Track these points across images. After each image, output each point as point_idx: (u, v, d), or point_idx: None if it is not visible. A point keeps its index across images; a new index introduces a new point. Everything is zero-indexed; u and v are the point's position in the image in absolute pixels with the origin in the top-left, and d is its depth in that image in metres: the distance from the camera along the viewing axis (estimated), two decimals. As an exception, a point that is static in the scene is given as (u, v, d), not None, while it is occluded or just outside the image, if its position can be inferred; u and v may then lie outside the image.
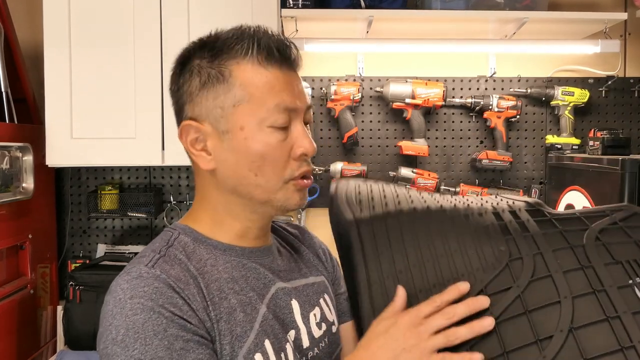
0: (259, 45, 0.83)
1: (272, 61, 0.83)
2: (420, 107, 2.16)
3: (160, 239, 0.87)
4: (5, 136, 1.75)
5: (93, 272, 1.86)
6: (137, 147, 1.80)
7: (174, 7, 1.80)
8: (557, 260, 0.73)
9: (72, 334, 1.82)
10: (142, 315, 0.73)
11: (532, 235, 0.76)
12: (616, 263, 0.72)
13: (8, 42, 1.88)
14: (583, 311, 0.67)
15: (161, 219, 2.19)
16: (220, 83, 0.83)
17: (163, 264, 0.79)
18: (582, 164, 1.85)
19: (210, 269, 0.83)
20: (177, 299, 0.76)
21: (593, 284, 0.70)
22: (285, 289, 0.89)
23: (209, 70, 0.84)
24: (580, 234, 0.76)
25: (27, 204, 1.84)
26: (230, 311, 0.80)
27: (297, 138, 0.84)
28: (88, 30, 1.79)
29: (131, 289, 0.75)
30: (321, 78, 2.22)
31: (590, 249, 0.74)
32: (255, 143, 0.82)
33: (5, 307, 1.70)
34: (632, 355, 0.63)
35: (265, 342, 0.81)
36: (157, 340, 0.72)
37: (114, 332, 0.74)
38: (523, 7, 2.00)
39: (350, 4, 1.99)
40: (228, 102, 0.83)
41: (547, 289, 0.70)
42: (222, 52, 0.84)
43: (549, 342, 0.66)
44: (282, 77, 0.84)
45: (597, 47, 2.08)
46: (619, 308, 0.67)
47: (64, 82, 1.78)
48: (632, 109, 2.27)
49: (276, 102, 0.82)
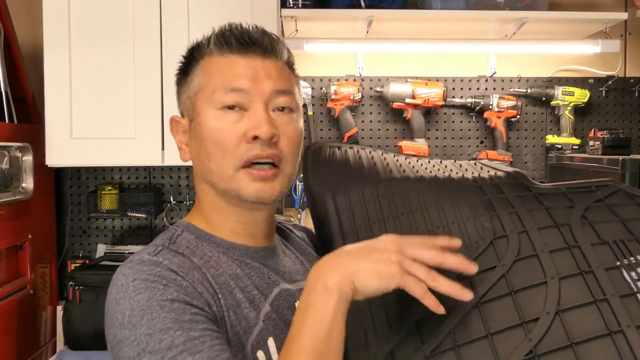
0: (218, 36, 0.85)
1: (231, 48, 0.84)
2: (421, 107, 2.16)
3: (163, 235, 0.86)
4: (5, 136, 1.74)
5: (93, 272, 1.85)
6: (137, 147, 1.80)
7: (173, 8, 1.80)
8: (542, 239, 0.71)
9: (72, 334, 1.82)
10: (146, 293, 0.72)
11: (516, 212, 0.74)
12: (603, 243, 0.70)
13: (8, 42, 1.88)
14: (570, 293, 0.66)
15: (161, 219, 2.19)
16: (189, 76, 0.87)
17: (166, 254, 0.78)
18: (582, 164, 1.85)
19: (214, 265, 0.82)
20: (181, 281, 0.74)
21: (580, 265, 0.68)
22: (289, 290, 0.88)
23: (186, 67, 0.89)
24: (566, 212, 0.74)
25: (26, 204, 1.83)
26: (237, 305, 0.79)
27: (250, 120, 0.82)
28: (88, 30, 1.79)
29: (133, 272, 0.75)
30: (321, 78, 2.22)
31: (576, 228, 0.72)
32: (206, 127, 0.83)
33: (5, 307, 1.70)
34: (620, 339, 0.61)
35: (268, 340, 0.80)
36: (164, 313, 0.70)
37: (120, 316, 0.72)
38: (523, 7, 2.00)
39: (350, 4, 1.99)
40: (191, 92, 0.86)
41: (533, 268, 0.68)
42: (197, 50, 0.88)
43: (534, 325, 0.63)
44: (240, 62, 0.84)
45: (598, 47, 2.08)
46: (607, 291, 0.65)
47: (63, 82, 1.78)
48: (632, 109, 2.27)
49: (221, 84, 0.83)
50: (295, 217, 2.20)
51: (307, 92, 2.18)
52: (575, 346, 0.61)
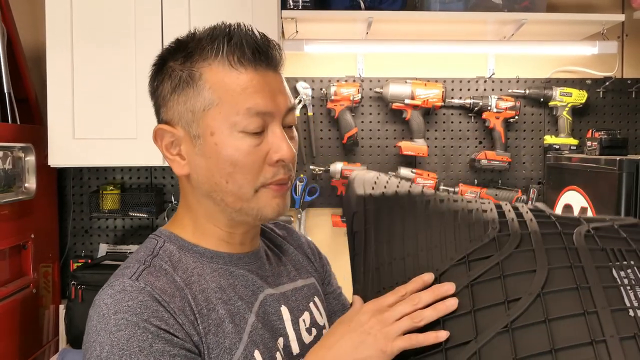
0: (230, 45, 0.78)
1: (245, 62, 0.78)
2: (420, 107, 2.17)
3: (144, 247, 0.83)
4: (8, 136, 1.76)
5: (95, 271, 1.87)
6: (139, 148, 1.82)
7: (175, 9, 1.82)
8: (543, 240, 0.75)
9: (74, 332, 1.83)
10: (126, 331, 0.70)
11: (525, 221, 0.79)
12: (601, 250, 0.74)
13: (10, 43, 1.90)
14: (556, 280, 0.70)
15: (162, 219, 2.20)
16: (190, 86, 0.79)
17: (147, 276, 0.76)
18: (580, 164, 1.86)
19: (197, 279, 0.80)
20: (162, 313, 0.73)
21: (572, 260, 0.72)
22: (273, 295, 0.87)
23: (180, 73, 0.81)
24: (575, 225, 0.79)
25: (29, 204, 1.85)
26: (218, 323, 0.77)
27: (273, 143, 0.79)
28: (90, 31, 1.80)
29: (114, 303, 0.72)
30: (321, 79, 2.23)
31: (578, 236, 0.76)
32: (226, 149, 0.78)
33: (8, 306, 1.71)
34: (593, 320, 0.65)
35: (254, 352, 0.79)
36: (143, 357, 0.70)
37: (99, 348, 0.71)
38: (521, 9, 2.01)
39: (350, 5, 2.00)
40: (198, 105, 0.79)
41: (526, 259, 0.72)
42: (193, 54, 0.80)
43: (515, 303, 0.68)
44: (256, 79, 0.78)
45: (595, 48, 2.10)
46: (591, 281, 0.69)
47: (66, 82, 1.80)
48: (630, 110, 2.29)
49: (248, 106, 0.77)
50: (295, 217, 2.21)
51: (307, 93, 2.20)
52: (549, 322, 0.66)
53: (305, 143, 2.23)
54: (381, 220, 0.84)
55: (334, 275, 1.08)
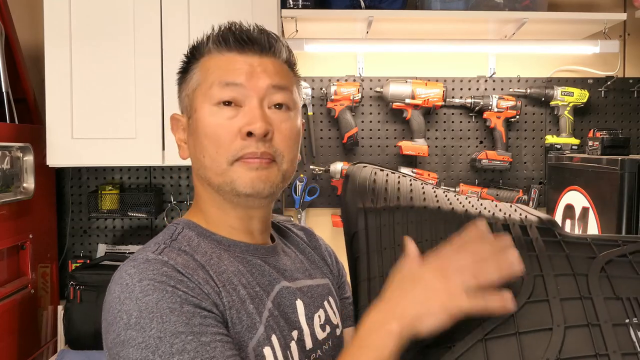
0: (217, 35, 0.86)
1: (229, 47, 0.84)
2: (420, 107, 2.16)
3: (164, 233, 0.85)
4: (6, 136, 1.75)
5: (93, 272, 1.86)
6: (138, 147, 1.81)
7: (174, 8, 1.81)
8: (557, 285, 0.71)
9: (73, 333, 1.82)
10: (154, 295, 0.71)
11: (537, 255, 0.75)
12: (617, 299, 0.70)
13: (9, 42, 1.89)
14: (573, 343, 0.66)
15: (161, 219, 2.20)
16: (188, 74, 0.88)
17: (170, 252, 0.78)
18: (582, 164, 1.85)
19: (217, 261, 0.81)
20: (187, 282, 0.74)
21: (589, 317, 0.68)
22: (289, 288, 0.87)
23: (186, 66, 0.89)
24: (587, 262, 0.74)
25: (27, 204, 1.84)
26: (242, 301, 0.78)
27: (245, 116, 0.82)
28: (89, 30, 1.80)
29: (139, 272, 0.73)
30: (321, 78, 2.23)
31: (592, 280, 0.72)
32: (202, 123, 0.83)
33: (6, 307, 1.71)
34: None
35: (272, 337, 0.79)
36: (175, 317, 0.70)
37: (126, 317, 0.70)
38: (523, 8, 2.00)
39: (350, 4, 1.99)
40: (190, 89, 0.87)
41: (541, 313, 0.69)
42: (197, 49, 0.88)
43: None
44: (238, 59, 0.84)
45: (597, 47, 2.09)
46: (610, 346, 0.65)
47: (64, 82, 1.79)
48: (631, 109, 2.28)
49: (217, 79, 0.83)
50: (296, 217, 2.20)
51: (307, 93, 2.19)
52: None
53: (305, 143, 2.22)
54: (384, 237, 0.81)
55: (348, 283, 1.07)
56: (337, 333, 0.94)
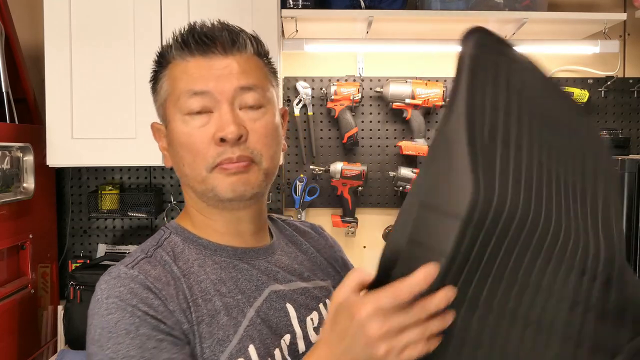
0: (177, 41, 0.84)
1: (191, 52, 0.83)
2: (420, 107, 2.16)
3: (152, 238, 0.87)
4: (6, 136, 1.75)
5: (93, 272, 1.86)
6: (138, 147, 1.81)
7: (174, 8, 1.81)
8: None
9: (73, 333, 1.82)
10: (115, 314, 0.74)
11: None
12: None
13: (8, 42, 1.89)
14: None
15: (161, 219, 2.19)
16: (158, 83, 0.87)
17: (144, 265, 0.79)
18: (582, 164, 1.85)
19: (197, 270, 0.82)
20: (152, 300, 0.75)
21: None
22: (279, 292, 0.86)
23: (155, 74, 0.88)
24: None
25: (27, 204, 1.84)
26: (213, 314, 0.79)
27: (216, 122, 0.81)
28: (89, 30, 1.79)
29: (108, 289, 0.76)
30: (321, 78, 2.22)
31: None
32: (177, 134, 0.83)
33: (6, 307, 1.71)
34: None
35: (249, 347, 0.79)
36: (129, 339, 0.72)
37: (92, 331, 0.75)
38: (523, 8, 2.00)
39: (350, 4, 1.99)
40: (161, 99, 0.87)
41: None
42: (162, 57, 0.87)
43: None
44: (202, 64, 0.82)
45: (597, 47, 2.08)
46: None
47: (64, 82, 1.79)
48: (632, 109, 2.27)
49: (187, 88, 0.82)
50: (296, 217, 2.20)
51: (307, 93, 2.19)
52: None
53: (305, 143, 2.22)
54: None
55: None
56: None
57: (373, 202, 2.25)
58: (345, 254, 1.06)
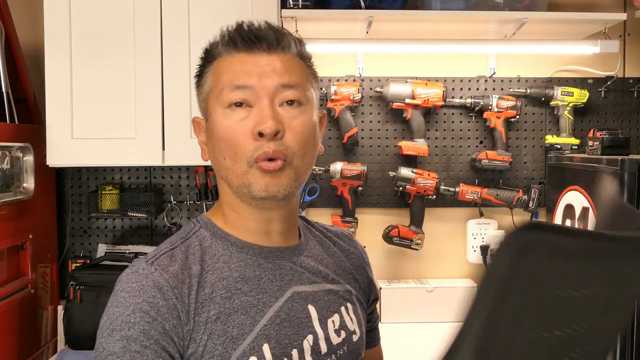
0: (225, 37, 0.87)
1: (237, 48, 0.85)
2: (420, 107, 2.16)
3: (182, 229, 0.90)
4: (6, 136, 1.75)
5: (93, 272, 1.86)
6: (138, 147, 1.81)
7: (174, 8, 1.81)
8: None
9: (73, 333, 1.82)
10: (119, 309, 0.77)
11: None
12: None
13: (9, 42, 1.89)
14: None
15: (161, 219, 2.19)
16: (202, 78, 0.90)
17: (164, 260, 0.82)
18: (582, 164, 1.85)
19: (221, 266, 0.83)
20: (158, 299, 0.77)
21: None
22: (302, 293, 0.87)
23: (201, 70, 0.91)
24: None
25: (27, 204, 1.84)
26: (230, 312, 0.80)
27: (256, 116, 0.83)
28: (89, 30, 1.79)
29: (124, 282, 0.80)
30: (321, 78, 2.22)
31: None
32: (217, 126, 0.85)
33: (6, 307, 1.71)
34: None
35: (263, 346, 0.80)
36: (118, 336, 0.75)
37: (102, 318, 0.79)
38: (523, 8, 2.00)
39: (350, 4, 1.99)
40: (205, 93, 0.89)
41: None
42: (209, 52, 0.89)
43: None
44: (247, 59, 0.85)
45: (597, 47, 2.08)
46: None
47: (64, 82, 1.79)
48: (632, 109, 2.28)
49: (228, 82, 0.84)
50: (295, 217, 2.20)
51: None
52: None
53: (305, 143, 2.21)
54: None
55: (376, 312, 1.06)
56: (353, 339, 0.92)
57: (373, 202, 2.25)
58: (371, 271, 1.04)
